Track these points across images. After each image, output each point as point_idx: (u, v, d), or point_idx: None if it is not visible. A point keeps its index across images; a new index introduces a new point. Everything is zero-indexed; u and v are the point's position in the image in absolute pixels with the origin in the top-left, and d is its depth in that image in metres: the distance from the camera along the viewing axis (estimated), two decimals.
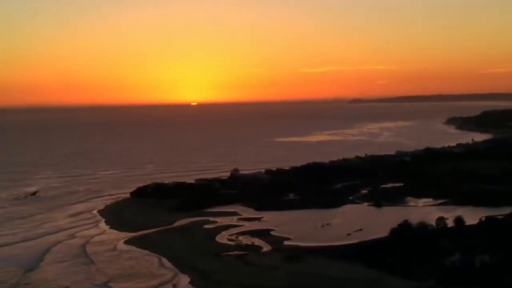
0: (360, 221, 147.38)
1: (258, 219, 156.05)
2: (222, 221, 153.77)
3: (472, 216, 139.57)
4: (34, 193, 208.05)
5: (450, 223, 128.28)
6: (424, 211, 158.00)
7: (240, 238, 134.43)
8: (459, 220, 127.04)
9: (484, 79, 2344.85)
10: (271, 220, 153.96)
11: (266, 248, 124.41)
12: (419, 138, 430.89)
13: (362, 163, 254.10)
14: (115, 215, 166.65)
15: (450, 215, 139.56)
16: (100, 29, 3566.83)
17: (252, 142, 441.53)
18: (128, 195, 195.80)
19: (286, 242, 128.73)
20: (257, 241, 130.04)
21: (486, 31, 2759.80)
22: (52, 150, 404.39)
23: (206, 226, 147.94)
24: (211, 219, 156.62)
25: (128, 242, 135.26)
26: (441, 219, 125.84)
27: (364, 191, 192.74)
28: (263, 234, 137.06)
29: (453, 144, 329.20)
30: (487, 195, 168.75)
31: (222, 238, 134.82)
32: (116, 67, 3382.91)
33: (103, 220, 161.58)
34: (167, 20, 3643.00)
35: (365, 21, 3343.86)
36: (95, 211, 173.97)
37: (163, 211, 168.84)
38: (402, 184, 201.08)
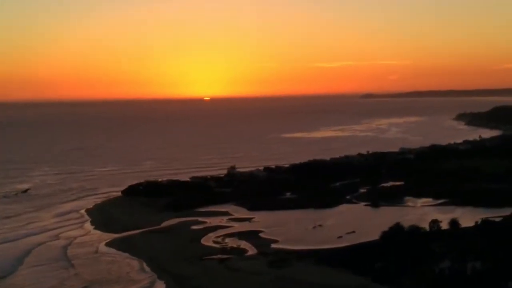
0: (354, 222, 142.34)
1: (249, 219, 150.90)
2: (211, 221, 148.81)
3: (470, 217, 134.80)
4: (25, 191, 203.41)
5: (445, 225, 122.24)
6: (421, 211, 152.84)
7: (227, 240, 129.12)
8: (454, 223, 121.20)
9: (499, 74, 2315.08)
10: (263, 220, 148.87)
11: (251, 251, 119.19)
12: (427, 134, 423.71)
13: (364, 161, 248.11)
14: (103, 215, 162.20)
15: (447, 216, 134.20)
16: (114, 24, 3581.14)
17: (258, 138, 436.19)
18: (120, 193, 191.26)
19: (273, 245, 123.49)
20: (243, 244, 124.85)
21: (500, 27, 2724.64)
22: (56, 146, 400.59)
23: (193, 227, 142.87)
24: (201, 219, 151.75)
25: (110, 244, 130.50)
26: (434, 222, 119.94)
27: (363, 190, 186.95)
28: (251, 236, 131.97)
29: (460, 141, 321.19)
30: (489, 194, 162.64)
31: (208, 240, 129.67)
32: (130, 62, 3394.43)
33: (90, 220, 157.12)
34: (181, 14, 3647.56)
35: (378, 16, 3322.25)
36: (83, 211, 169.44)
37: (153, 210, 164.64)
38: (402, 183, 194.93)
